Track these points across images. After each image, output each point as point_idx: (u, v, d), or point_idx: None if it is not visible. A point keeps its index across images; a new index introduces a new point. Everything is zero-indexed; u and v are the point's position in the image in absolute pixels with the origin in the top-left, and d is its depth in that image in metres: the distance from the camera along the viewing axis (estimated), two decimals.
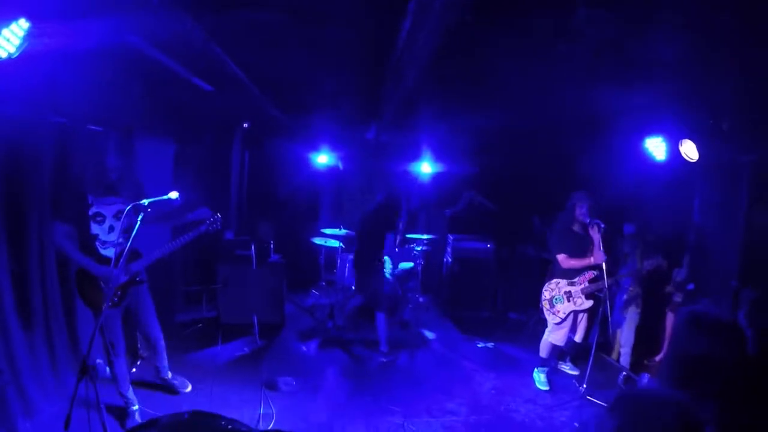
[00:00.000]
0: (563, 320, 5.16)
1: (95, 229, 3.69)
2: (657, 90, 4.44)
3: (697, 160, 4.72)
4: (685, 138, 4.75)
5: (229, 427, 1.97)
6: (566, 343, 5.45)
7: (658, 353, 5.55)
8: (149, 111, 5.00)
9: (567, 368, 5.75)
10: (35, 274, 3.92)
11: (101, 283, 3.68)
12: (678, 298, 5.33)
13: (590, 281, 5.10)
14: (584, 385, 5.01)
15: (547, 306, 5.26)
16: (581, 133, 6.33)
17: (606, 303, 4.96)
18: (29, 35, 2.61)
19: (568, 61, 3.90)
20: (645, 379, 4.87)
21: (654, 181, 5.77)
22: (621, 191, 5.95)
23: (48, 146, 3.98)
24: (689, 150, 4.73)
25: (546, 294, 5.29)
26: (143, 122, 5.01)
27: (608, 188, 5.84)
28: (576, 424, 4.50)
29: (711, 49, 3.48)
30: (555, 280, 5.27)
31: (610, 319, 5.26)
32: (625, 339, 5.67)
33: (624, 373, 5.35)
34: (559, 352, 5.57)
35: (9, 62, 2.70)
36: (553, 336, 5.24)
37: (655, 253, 5.34)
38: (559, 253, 5.19)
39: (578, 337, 5.31)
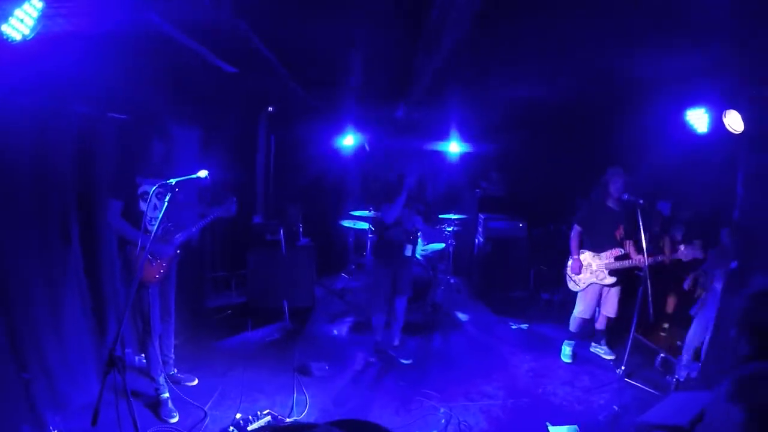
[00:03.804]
0: (583, 290, 5.33)
1: (143, 206, 3.85)
2: (699, 56, 4.15)
3: (742, 132, 4.42)
4: (729, 108, 4.45)
5: None
6: (601, 323, 5.52)
7: None
8: (172, 96, 4.91)
9: (602, 352, 5.57)
10: (59, 263, 3.92)
11: (149, 256, 3.89)
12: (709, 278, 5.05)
13: (616, 258, 5.17)
14: (622, 367, 4.88)
15: (570, 273, 5.43)
16: (618, 105, 6.07)
17: (647, 283, 4.76)
18: (43, 16, 2.50)
19: (608, 23, 3.65)
20: (683, 360, 4.74)
21: (694, 155, 5.45)
22: (659, 167, 5.70)
23: (70, 136, 3.99)
24: (734, 121, 4.43)
25: (571, 262, 5.43)
26: (167, 108, 4.94)
27: (645, 164, 5.61)
28: (615, 407, 4.35)
29: (759, 6, 3.19)
30: (582, 250, 5.40)
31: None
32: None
33: (662, 355, 5.14)
34: (589, 328, 5.62)
35: (26, 50, 2.61)
36: (579, 309, 5.38)
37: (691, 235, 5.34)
38: (576, 223, 5.44)
39: (608, 311, 5.38)
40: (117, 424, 2.80)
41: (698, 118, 4.80)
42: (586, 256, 5.34)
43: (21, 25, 2.47)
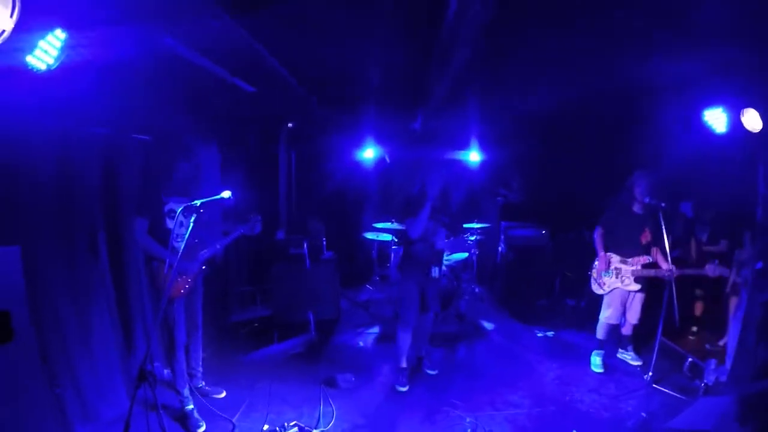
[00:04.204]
0: (609, 294, 5.22)
1: (169, 224, 3.96)
2: (715, 55, 4.12)
3: (761, 130, 4.35)
4: (747, 107, 4.38)
5: None
6: (627, 329, 5.44)
7: (721, 337, 5.31)
8: (194, 116, 5.04)
9: (629, 357, 5.48)
10: (88, 279, 4.04)
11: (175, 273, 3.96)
12: (739, 279, 4.96)
13: (644, 266, 5.04)
14: (650, 373, 4.81)
15: (595, 275, 5.33)
16: (636, 107, 6.00)
17: (672, 288, 4.69)
18: (66, 46, 2.61)
19: (623, 27, 3.65)
20: (712, 365, 4.62)
21: (714, 155, 5.37)
22: (680, 167, 5.62)
23: (95, 157, 4.14)
24: (752, 120, 4.36)
25: (597, 261, 5.34)
26: (189, 127, 5.08)
27: (666, 165, 5.54)
28: (643, 414, 4.28)
29: None
30: (609, 253, 5.25)
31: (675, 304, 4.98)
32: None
33: (690, 359, 5.04)
34: (616, 335, 5.52)
35: (48, 74, 2.71)
36: (605, 314, 5.26)
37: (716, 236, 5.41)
38: (599, 225, 5.35)
39: (631, 317, 5.29)
40: None
41: (716, 118, 4.72)
42: (614, 259, 5.20)
43: (45, 56, 2.57)
